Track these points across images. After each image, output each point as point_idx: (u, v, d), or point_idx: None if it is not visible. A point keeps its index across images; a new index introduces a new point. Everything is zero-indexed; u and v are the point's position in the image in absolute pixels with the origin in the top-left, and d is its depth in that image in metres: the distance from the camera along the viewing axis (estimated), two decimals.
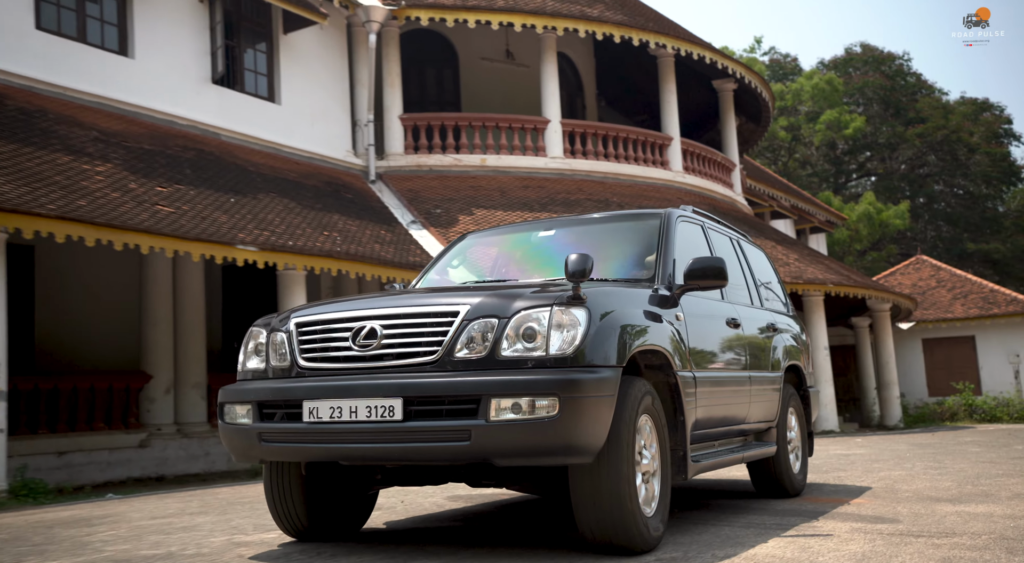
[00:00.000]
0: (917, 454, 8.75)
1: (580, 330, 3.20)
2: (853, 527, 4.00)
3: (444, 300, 3.40)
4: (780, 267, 13.85)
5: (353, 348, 3.40)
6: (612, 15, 14.89)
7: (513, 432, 3.06)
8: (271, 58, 12.63)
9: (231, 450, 3.67)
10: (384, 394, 3.21)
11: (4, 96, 9.16)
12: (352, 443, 3.28)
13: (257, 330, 3.78)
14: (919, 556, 3.27)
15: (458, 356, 3.25)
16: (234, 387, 3.69)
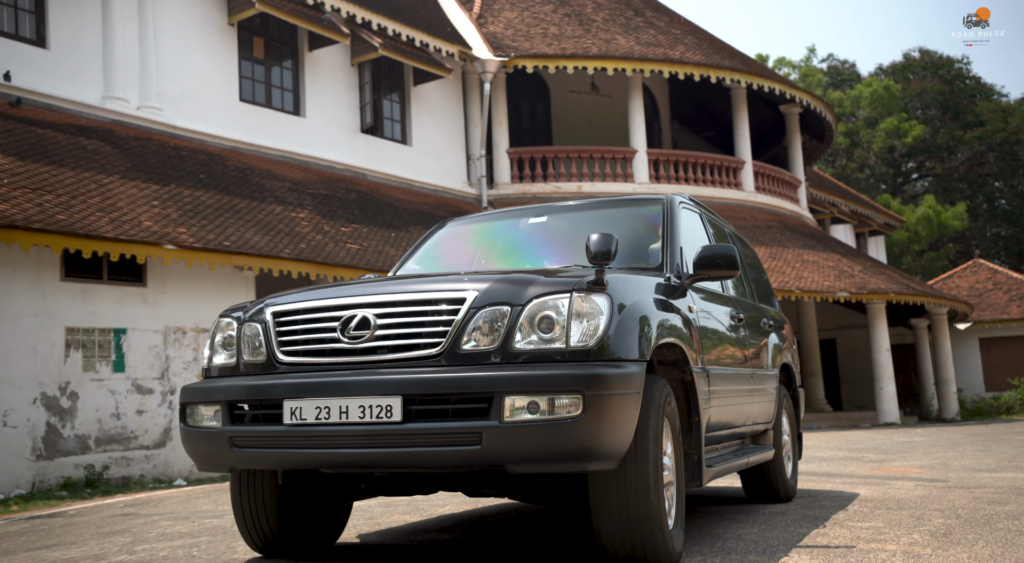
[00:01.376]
0: (969, 441, 10.56)
1: (603, 320, 2.83)
2: (916, 484, 5.97)
3: (448, 286, 3.00)
4: (845, 279, 15.63)
5: (342, 340, 2.98)
6: (692, 55, 16.79)
7: (530, 435, 2.68)
8: (404, 107, 14.90)
9: (195, 457, 3.22)
10: (380, 392, 2.80)
11: (224, 157, 11.57)
12: (342, 448, 2.86)
13: (226, 320, 3.31)
14: (959, 496, 5.23)
15: (465, 349, 2.85)
16: (198, 385, 3.25)
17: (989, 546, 3.52)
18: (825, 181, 27.22)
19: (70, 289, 8.14)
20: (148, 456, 8.50)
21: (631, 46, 16.52)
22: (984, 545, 3.53)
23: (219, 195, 10.32)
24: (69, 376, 8.02)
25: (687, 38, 17.87)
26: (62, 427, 7.90)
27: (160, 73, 11.29)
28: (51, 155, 8.99)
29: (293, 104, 13.13)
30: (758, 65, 18.85)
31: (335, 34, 12.85)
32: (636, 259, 3.89)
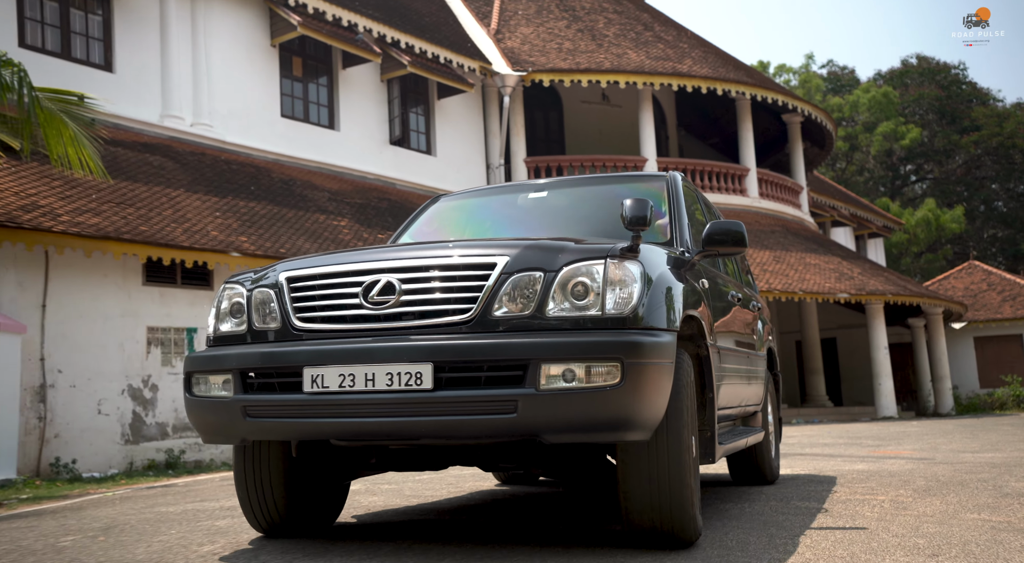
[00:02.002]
0: (959, 430, 11.48)
1: (636, 288, 2.78)
2: (906, 461, 6.89)
3: (477, 251, 2.91)
4: (845, 281, 16.56)
5: (364, 306, 2.86)
6: (699, 69, 17.72)
7: (567, 403, 2.61)
8: (428, 120, 15.83)
9: (201, 428, 3.08)
10: (410, 358, 2.69)
11: (269, 170, 12.50)
12: (368, 417, 2.75)
13: (233, 287, 3.17)
14: (942, 469, 6.15)
15: (496, 315, 2.76)
16: (204, 353, 3.10)
17: (958, 497, 4.44)
18: (825, 185, 28.13)
19: (150, 293, 9.07)
20: None
21: (642, 60, 17.44)
22: (954, 497, 4.45)
23: (270, 206, 11.23)
24: (150, 370, 8.95)
25: (694, 51, 18.80)
26: (145, 415, 8.83)
27: (211, 92, 12.22)
28: (125, 171, 9.91)
29: (328, 119, 14.06)
30: (762, 77, 19.78)
31: (368, 53, 13.77)
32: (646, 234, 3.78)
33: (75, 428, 8.27)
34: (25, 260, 8.18)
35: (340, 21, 13.60)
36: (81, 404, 8.35)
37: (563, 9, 19.13)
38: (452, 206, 4.50)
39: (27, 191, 8.28)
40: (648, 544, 2.96)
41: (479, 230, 4.22)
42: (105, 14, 11.22)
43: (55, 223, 7.92)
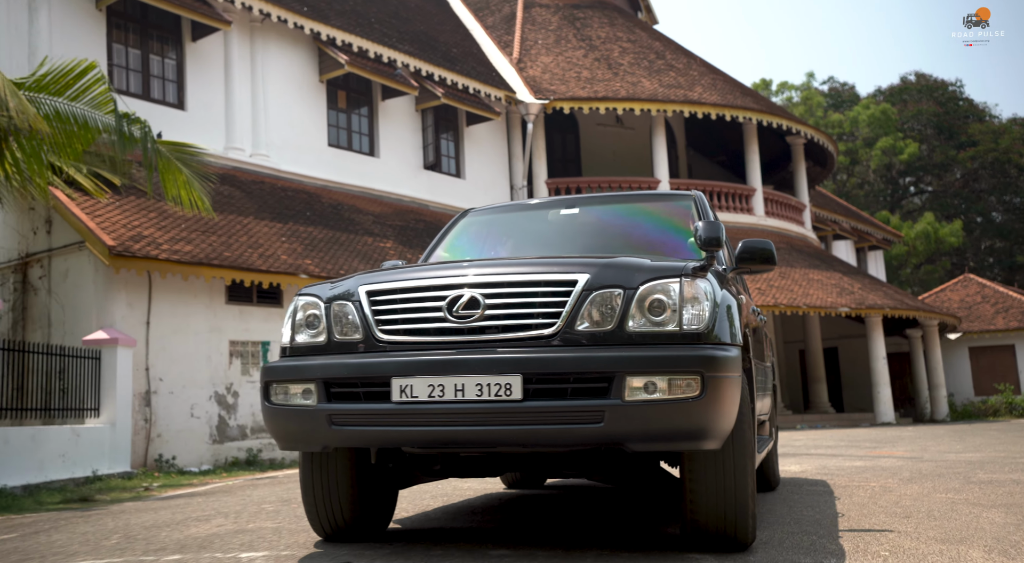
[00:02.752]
0: (949, 435, 12.64)
1: (708, 305, 2.94)
2: (897, 459, 8.06)
3: (557, 268, 3.06)
4: (846, 295, 17.73)
5: (449, 319, 2.97)
6: (709, 96, 18.94)
7: (651, 413, 2.75)
8: (457, 146, 17.04)
9: (281, 435, 3.16)
10: (499, 370, 2.82)
11: (319, 195, 13.71)
12: (458, 426, 2.87)
13: (308, 300, 3.26)
14: (925, 465, 7.31)
15: (579, 329, 2.90)
16: (284, 363, 3.17)
17: (933, 484, 5.62)
18: (827, 199, 29.30)
19: (231, 310, 10.26)
20: None
21: (655, 88, 18.66)
22: (930, 484, 5.63)
23: (325, 230, 12.44)
24: (232, 378, 10.14)
25: (704, 79, 20.02)
26: (229, 418, 10.02)
27: (267, 125, 13.44)
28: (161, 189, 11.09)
29: (369, 147, 15.28)
30: (767, 102, 21.00)
31: (405, 86, 14.99)
32: (675, 251, 4.00)
33: (173, 429, 9.46)
34: (134, 283, 9.38)
35: (381, 58, 14.83)
36: (177, 408, 9.54)
37: (580, 39, 20.37)
38: (482, 221, 4.60)
39: (132, 223, 9.48)
40: (708, 545, 3.10)
41: (515, 245, 4.31)
42: (178, 58, 12.45)
43: (159, 251, 9.13)
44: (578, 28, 20.86)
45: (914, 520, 3.99)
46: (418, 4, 19.82)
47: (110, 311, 9.15)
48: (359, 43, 14.46)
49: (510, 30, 20.75)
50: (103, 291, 9.23)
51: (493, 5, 22.67)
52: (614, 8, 22.76)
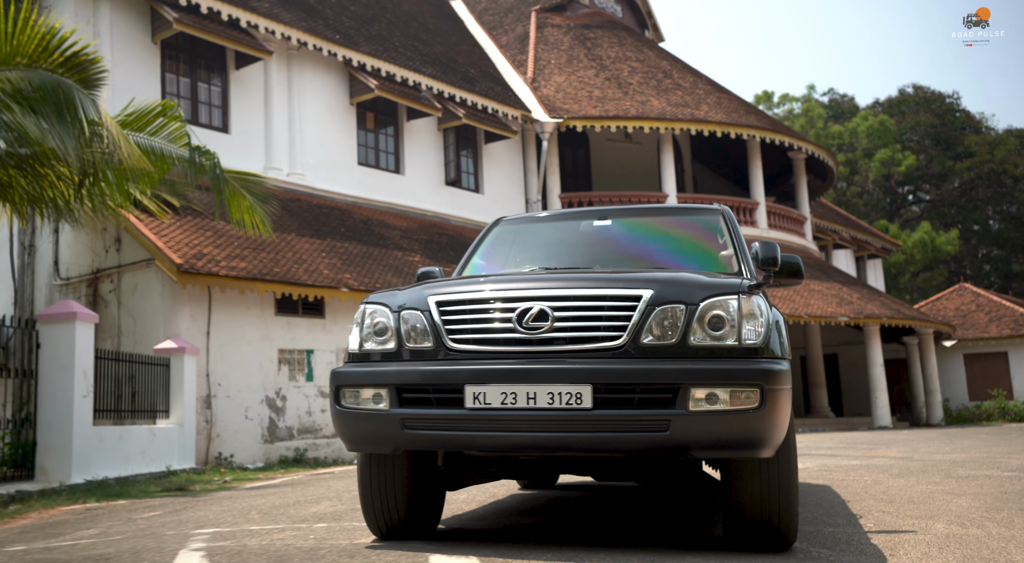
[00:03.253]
0: (940, 438, 13.54)
1: (763, 321, 3.11)
2: (890, 459, 8.96)
3: (622, 284, 3.21)
4: (845, 305, 18.63)
5: (518, 330, 3.14)
6: (714, 114, 19.87)
7: (714, 423, 2.92)
8: (476, 162, 17.97)
9: (352, 437, 3.32)
10: (570, 380, 2.99)
11: (351, 212, 14.63)
12: (529, 431, 3.04)
13: (376, 308, 3.42)
14: (914, 464, 8.20)
15: (644, 342, 3.06)
16: (355, 369, 3.32)
17: (917, 478, 6.52)
18: (827, 209, 30.19)
19: (279, 321, 11.17)
20: (328, 443, 11.52)
21: (663, 107, 19.60)
22: (915, 478, 6.53)
23: (359, 245, 13.35)
24: (280, 384, 11.05)
25: (710, 97, 20.96)
26: (278, 420, 10.92)
27: (303, 146, 14.36)
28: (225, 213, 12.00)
29: (395, 164, 16.21)
30: (770, 119, 21.92)
31: (430, 108, 15.91)
32: (707, 264, 4.13)
33: (230, 429, 10.37)
34: (196, 297, 10.30)
35: (407, 81, 15.76)
36: (234, 411, 10.45)
37: (591, 58, 21.30)
38: (515, 230, 4.70)
39: (193, 242, 10.40)
40: (754, 544, 3.29)
41: (550, 255, 4.38)
42: (223, 85, 13.38)
43: (219, 268, 10.04)
44: (589, 48, 21.79)
45: (896, 504, 4.90)
46: (436, 25, 20.76)
47: (176, 322, 10.07)
48: (387, 68, 15.39)
49: (524, 49, 21.68)
50: (169, 304, 10.15)
51: (507, 24, 23.60)
52: (622, 27, 23.70)
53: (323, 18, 15.46)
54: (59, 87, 6.95)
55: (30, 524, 5.08)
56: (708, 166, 25.77)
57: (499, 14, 24.36)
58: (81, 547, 3.89)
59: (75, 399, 7.51)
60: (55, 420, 7.46)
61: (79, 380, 7.59)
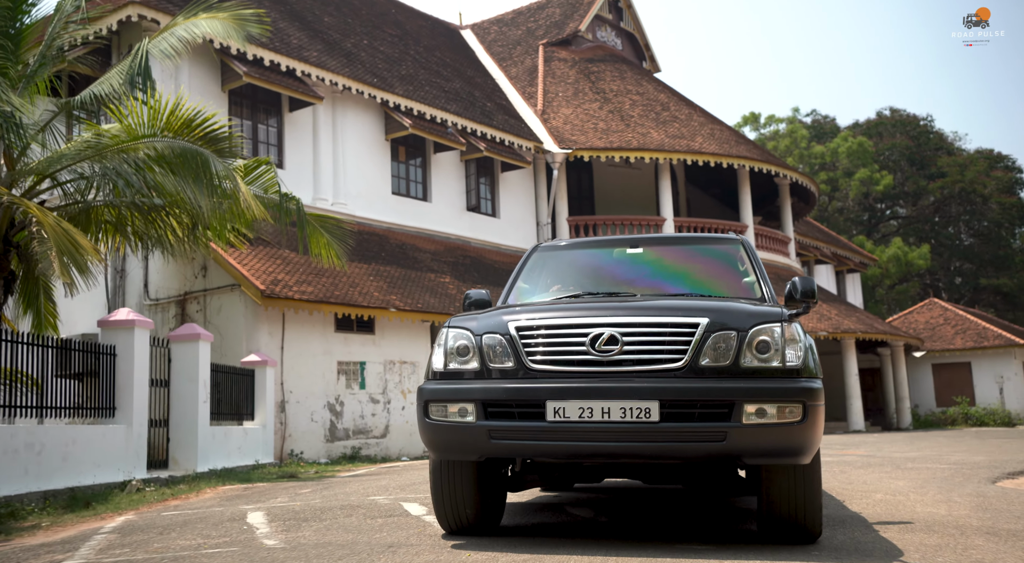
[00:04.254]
0: (905, 440, 15.51)
1: (801, 345, 3.56)
2: (857, 456, 10.87)
3: (683, 312, 3.63)
4: (824, 321, 20.60)
5: (591, 353, 3.56)
6: (708, 146, 21.82)
7: (765, 434, 3.34)
8: (493, 190, 19.81)
9: (440, 446, 3.72)
10: (639, 397, 3.42)
11: (387, 237, 16.43)
12: (604, 441, 3.46)
13: (459, 332, 3.82)
14: (875, 460, 10.10)
15: (702, 364, 3.49)
16: (442, 386, 3.72)
17: (874, 469, 8.41)
18: (810, 226, 32.23)
19: (337, 337, 12.95)
20: (378, 443, 13.31)
21: (662, 139, 21.52)
22: (873, 469, 8.42)
23: (399, 269, 15.15)
24: (339, 392, 12.82)
25: (704, 129, 22.91)
26: (337, 423, 12.70)
27: (345, 178, 16.14)
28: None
29: (423, 193, 18.02)
30: (759, 149, 23.90)
31: (455, 143, 17.74)
32: (733, 290, 4.58)
33: (299, 430, 12.13)
34: (273, 317, 12.06)
35: (435, 119, 17.57)
36: (302, 414, 12.22)
37: (595, 92, 23.20)
38: (552, 256, 5.12)
39: (268, 269, 12.16)
40: (784, 537, 3.77)
41: (592, 281, 4.83)
42: (279, 126, 15.15)
43: (292, 293, 11.81)
44: (593, 81, 23.69)
45: (853, 485, 6.78)
46: (452, 59, 22.61)
47: (256, 339, 11.84)
48: (417, 107, 17.20)
49: (533, 81, 23.54)
50: (252, 323, 11.92)
51: (515, 56, 25.45)
52: (623, 60, 25.63)
53: (361, 62, 17.25)
54: (198, 155, 8.70)
55: (218, 496, 6.83)
56: (700, 187, 27.70)
57: (508, 46, 26.20)
58: (316, 503, 5.65)
59: (199, 404, 9.27)
60: (184, 421, 9.21)
61: (201, 388, 9.35)
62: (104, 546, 4.45)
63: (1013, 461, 9.38)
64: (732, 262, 4.83)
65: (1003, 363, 25.74)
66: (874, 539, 4.03)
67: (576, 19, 25.24)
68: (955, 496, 5.91)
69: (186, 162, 8.69)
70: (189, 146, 8.71)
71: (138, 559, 3.99)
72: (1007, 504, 5.46)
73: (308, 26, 17.38)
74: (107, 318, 8.40)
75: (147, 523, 5.24)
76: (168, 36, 9.46)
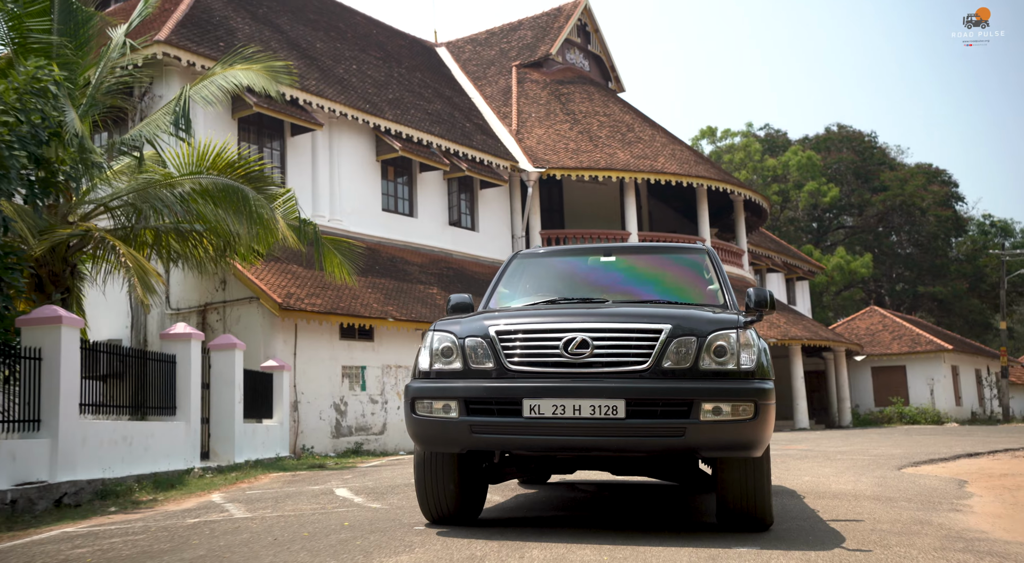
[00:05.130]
0: (841, 437, 17.50)
1: (755, 349, 3.94)
2: (797, 449, 12.71)
3: (648, 319, 4.02)
4: (773, 329, 22.60)
5: (564, 356, 3.93)
6: (669, 166, 23.66)
7: (720, 430, 3.73)
8: (472, 205, 21.36)
9: (425, 439, 4.11)
10: (608, 396, 3.80)
11: (379, 250, 17.87)
12: (575, 435, 3.85)
13: (444, 335, 4.20)
14: (811, 453, 11.93)
15: (665, 366, 3.87)
16: (427, 384, 4.11)
17: (808, 459, 10.20)
18: (763, 237, 34.37)
19: (342, 344, 14.39)
20: (377, 439, 14.78)
21: (627, 159, 23.30)
22: (808, 460, 10.20)
23: (392, 281, 16.61)
24: (343, 393, 14.25)
25: (666, 149, 24.76)
26: (342, 421, 14.14)
27: (341, 196, 17.54)
28: (309, 261, 15.18)
29: (409, 209, 19.49)
30: (716, 168, 25.86)
31: (439, 164, 19.24)
32: (698, 297, 4.91)
33: (309, 428, 13.55)
34: (287, 327, 13.45)
35: (421, 141, 19.06)
36: (312, 414, 13.63)
37: (565, 113, 24.88)
38: (530, 262, 5.50)
39: (281, 284, 13.55)
40: (738, 526, 4.18)
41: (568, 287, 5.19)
42: (281, 149, 16.49)
43: (305, 305, 13.22)
44: (563, 103, 25.36)
45: (791, 472, 8.52)
46: (432, 81, 24.08)
47: (273, 346, 13.23)
48: (405, 131, 18.66)
49: (507, 102, 25.12)
50: (268, 332, 13.30)
51: (490, 76, 26.99)
52: (591, 82, 27.35)
53: (353, 88, 18.66)
54: (239, 191, 10.11)
55: (278, 481, 8.26)
56: (662, 200, 29.57)
57: (482, 65, 27.73)
58: (383, 482, 7.13)
59: (235, 404, 10.67)
60: (222, 419, 10.59)
61: (237, 390, 10.74)
62: (245, 507, 5.82)
63: (923, 453, 11.28)
64: (699, 270, 5.22)
65: (933, 367, 28.19)
66: (797, 503, 5.72)
67: (547, 43, 26.90)
68: (863, 478, 7.68)
69: (228, 196, 10.10)
70: (231, 182, 10.12)
71: (287, 514, 5.42)
72: (899, 483, 7.24)
73: (304, 53, 18.71)
74: (169, 331, 9.76)
75: (252, 497, 6.68)
76: (208, 84, 10.82)
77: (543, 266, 5.48)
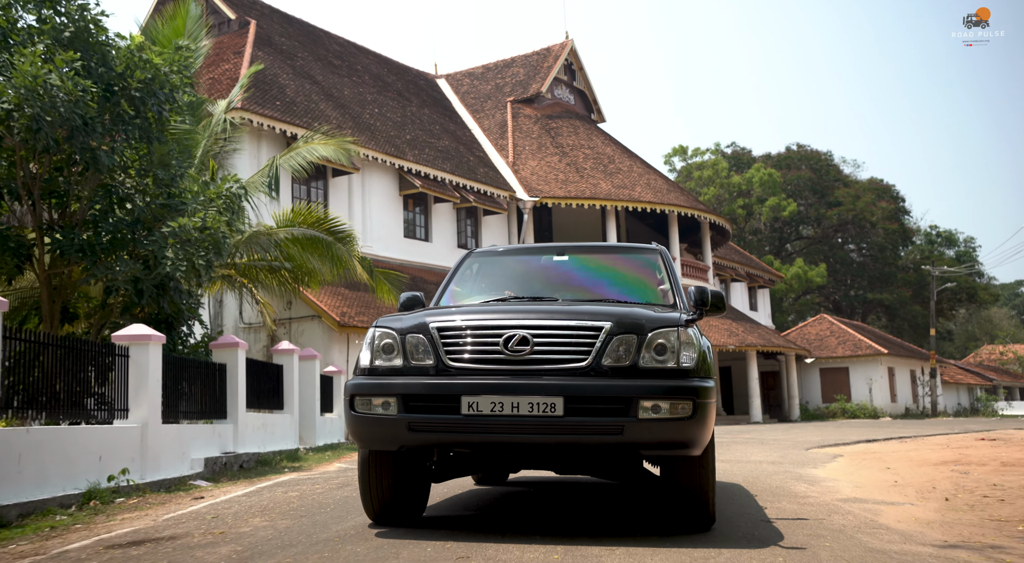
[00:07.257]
0: (785, 429, 21.20)
1: (696, 347, 3.97)
2: (744, 438, 16.33)
3: (588, 317, 4.02)
4: (732, 337, 26.30)
5: (504, 352, 3.91)
6: (645, 195, 27.23)
7: (658, 428, 3.74)
8: (476, 230, 24.76)
9: (364, 437, 4.09)
10: (547, 393, 3.78)
11: (401, 271, 21.19)
12: (513, 433, 3.84)
13: (384, 331, 4.17)
14: (756, 440, 15.51)
15: (605, 364, 3.88)
16: (367, 381, 4.07)
17: (755, 446, 13.77)
18: (729, 249, 38.17)
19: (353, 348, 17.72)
20: None
21: (609, 189, 26.83)
22: (751, 446, 13.76)
23: None
24: None
25: (642, 179, 28.32)
26: None
27: (371, 226, 20.85)
28: (353, 285, 18.48)
29: (425, 235, 22.85)
30: (687, 195, 29.53)
31: (450, 196, 22.62)
32: (646, 296, 5.03)
33: None
34: (343, 339, 16.75)
35: (436, 178, 22.41)
36: None
37: (555, 146, 28.35)
38: (485, 261, 5.57)
39: (335, 304, 16.85)
40: (684, 525, 4.31)
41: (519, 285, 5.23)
42: (324, 188, 19.76)
43: (356, 321, 16.54)
44: (553, 136, 28.82)
45: (730, 452, 12.05)
46: (438, 117, 27.40)
47: (331, 355, 16.53)
48: (424, 170, 22.00)
49: (503, 135, 28.51)
50: (328, 344, 16.60)
51: (487, 109, 30.34)
52: (576, 116, 30.83)
53: (379, 132, 21.95)
54: (322, 240, 13.45)
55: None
56: (638, 219, 33.17)
57: (480, 98, 31.07)
58: None
59: (315, 401, 13.99)
60: (306, 412, 13.91)
61: (316, 390, 14.07)
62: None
63: (835, 439, 14.91)
64: (651, 269, 5.31)
65: (872, 368, 32.16)
66: (721, 467, 9.20)
67: (538, 81, 30.32)
68: (774, 455, 11.22)
69: (313, 243, 13.44)
70: (315, 233, 13.46)
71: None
72: (796, 456, 10.79)
73: (335, 101, 21.95)
74: (277, 347, 13.05)
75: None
76: (295, 156, 14.13)
77: (497, 265, 5.58)
